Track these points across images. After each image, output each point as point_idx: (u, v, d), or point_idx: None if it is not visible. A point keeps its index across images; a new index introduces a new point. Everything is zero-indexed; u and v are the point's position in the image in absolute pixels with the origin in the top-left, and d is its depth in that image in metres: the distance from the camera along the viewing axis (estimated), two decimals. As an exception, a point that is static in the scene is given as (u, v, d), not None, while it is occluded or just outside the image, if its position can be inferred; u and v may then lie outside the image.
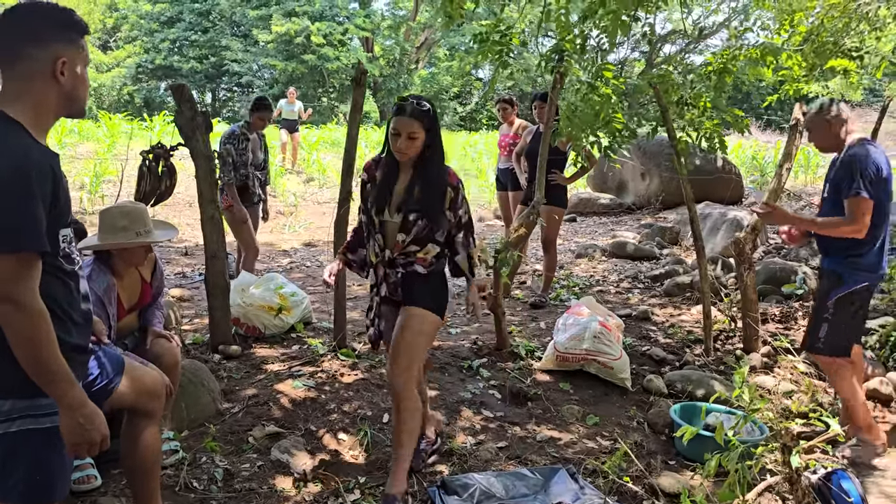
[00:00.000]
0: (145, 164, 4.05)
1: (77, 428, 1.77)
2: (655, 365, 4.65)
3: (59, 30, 1.76)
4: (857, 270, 3.60)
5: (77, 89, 1.80)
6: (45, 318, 1.69)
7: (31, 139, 1.71)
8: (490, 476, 3.11)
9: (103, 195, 9.67)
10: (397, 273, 2.95)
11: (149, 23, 29.62)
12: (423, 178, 2.88)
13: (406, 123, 2.79)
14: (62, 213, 1.76)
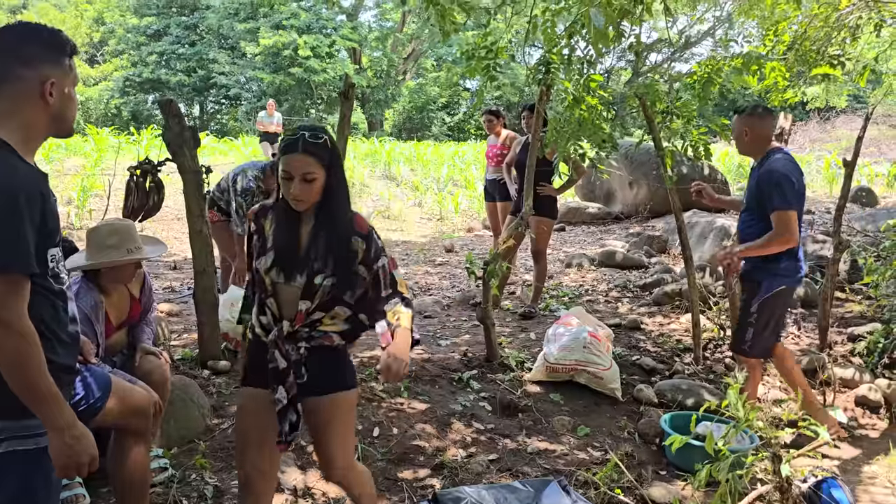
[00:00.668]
0: (133, 180, 4.04)
1: (66, 449, 1.76)
2: (645, 374, 4.66)
3: (47, 51, 1.77)
4: (775, 276, 3.78)
5: (65, 110, 1.81)
6: (34, 339, 1.68)
7: (18, 159, 1.71)
8: (481, 489, 3.11)
9: (91, 209, 9.62)
10: (300, 350, 2.29)
11: (136, 36, 29.60)
12: (326, 231, 2.29)
13: (299, 162, 2.17)
14: (51, 233, 1.75)
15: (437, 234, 11.16)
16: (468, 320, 5.63)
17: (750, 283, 3.89)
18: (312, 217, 2.30)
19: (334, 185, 2.26)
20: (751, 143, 3.88)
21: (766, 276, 3.81)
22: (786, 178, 3.67)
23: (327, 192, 2.25)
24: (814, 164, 14.70)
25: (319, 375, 2.33)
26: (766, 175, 3.72)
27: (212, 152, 14.00)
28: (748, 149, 3.92)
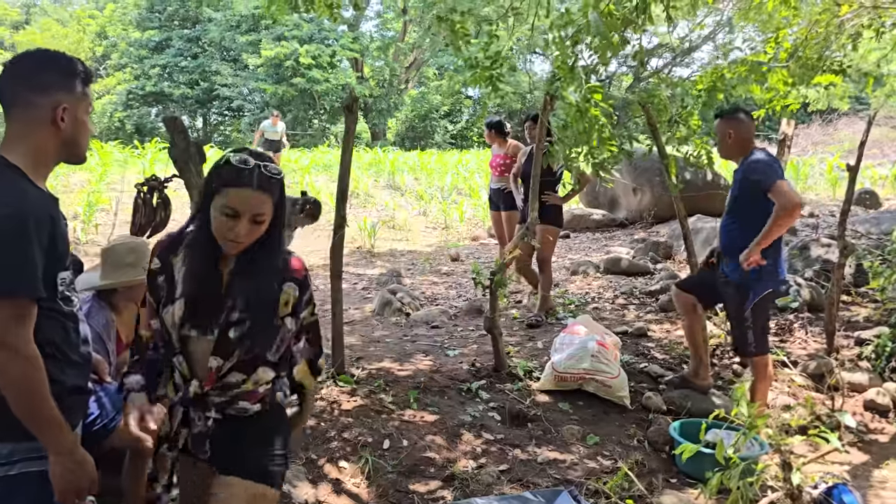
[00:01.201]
0: (140, 197, 4.06)
1: (67, 474, 1.77)
2: (654, 382, 4.66)
3: (61, 77, 1.80)
4: (760, 280, 3.90)
5: (77, 136, 1.83)
6: (38, 364, 1.70)
7: (29, 184, 1.73)
8: (492, 500, 3.12)
9: (97, 224, 9.66)
10: (208, 418, 1.93)
11: (138, 49, 29.73)
12: (253, 275, 1.91)
13: (253, 200, 1.80)
14: (60, 257, 1.78)
15: (442, 243, 11.17)
16: (475, 330, 5.64)
17: (739, 289, 3.98)
18: (237, 258, 1.92)
19: (277, 224, 1.90)
20: (734, 144, 3.98)
21: (752, 282, 3.92)
22: (768, 164, 3.87)
23: (268, 231, 1.89)
24: (816, 167, 14.69)
25: (231, 453, 1.93)
26: (751, 165, 3.86)
27: (216, 165, 14.01)
28: (731, 150, 4.03)
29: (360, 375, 4.35)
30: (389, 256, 10.15)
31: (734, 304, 4.03)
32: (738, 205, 3.97)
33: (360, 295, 7.41)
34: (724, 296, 4.13)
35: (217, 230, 1.84)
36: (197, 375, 1.92)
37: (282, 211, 1.89)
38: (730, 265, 4.01)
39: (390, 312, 6.26)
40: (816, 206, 11.21)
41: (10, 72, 1.80)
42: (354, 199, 13.13)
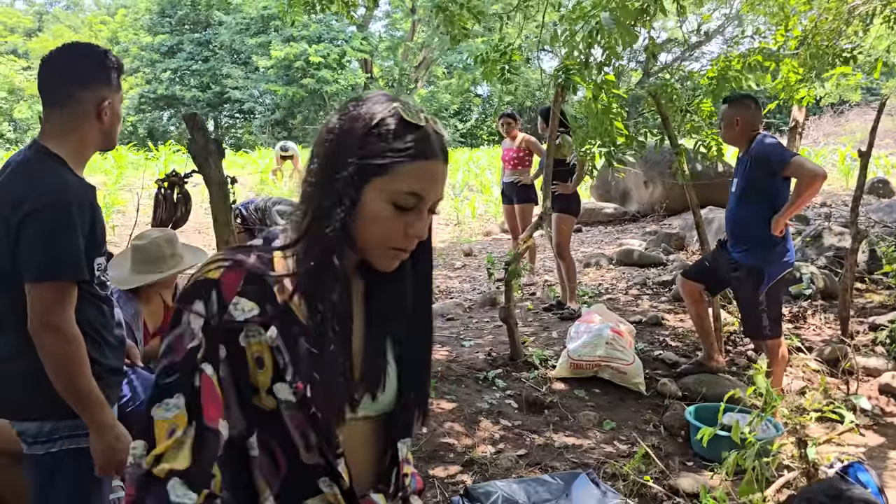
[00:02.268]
0: (161, 192, 4.14)
1: (107, 448, 1.84)
2: (668, 368, 4.70)
3: (103, 71, 1.88)
4: (772, 262, 3.96)
5: (114, 126, 1.92)
6: (80, 343, 1.77)
7: (70, 172, 1.81)
8: (512, 483, 3.17)
9: (114, 225, 9.78)
10: None
11: (150, 54, 29.98)
12: (405, 294, 1.21)
13: (442, 177, 1.12)
14: (98, 243, 1.85)
15: (455, 238, 11.23)
16: (490, 321, 5.69)
17: (752, 272, 4.01)
18: (361, 280, 1.20)
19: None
20: (741, 131, 4.02)
21: (766, 265, 3.97)
22: (779, 144, 4.00)
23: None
24: (828, 158, 14.64)
25: None
26: (764, 148, 3.91)
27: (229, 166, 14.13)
28: (737, 137, 4.06)
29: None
30: (403, 253, 10.20)
31: (748, 288, 4.06)
32: (747, 191, 4.00)
33: (375, 290, 7.47)
34: (735, 281, 4.16)
35: (381, 233, 1.09)
36: (363, 485, 1.17)
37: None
38: (742, 251, 4.04)
39: (406, 306, 6.31)
40: (829, 196, 11.19)
41: (50, 68, 1.87)
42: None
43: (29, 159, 1.82)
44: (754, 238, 3.96)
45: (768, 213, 3.88)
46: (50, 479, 1.89)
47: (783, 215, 3.84)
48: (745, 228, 4.03)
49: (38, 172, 1.78)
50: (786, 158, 3.79)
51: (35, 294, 1.72)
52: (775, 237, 3.89)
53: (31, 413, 1.84)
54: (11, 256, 1.74)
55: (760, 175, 3.89)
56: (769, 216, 3.88)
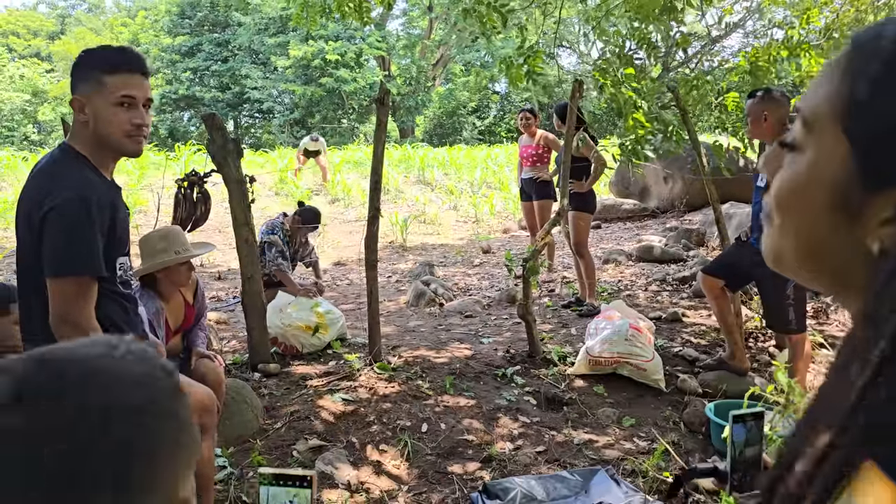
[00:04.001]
0: (181, 192, 4.18)
1: None
2: (688, 365, 4.67)
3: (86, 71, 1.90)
4: None
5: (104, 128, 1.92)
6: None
7: (94, 172, 1.84)
8: (530, 479, 3.17)
9: (137, 225, 9.89)
10: None
11: (170, 55, 30.29)
12: None
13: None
14: (120, 243, 1.88)
15: (473, 236, 11.23)
16: (509, 318, 5.69)
17: None
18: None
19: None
20: (770, 126, 3.94)
21: None
22: None
23: None
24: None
25: None
26: None
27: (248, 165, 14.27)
28: (766, 132, 3.98)
29: (397, 363, 4.43)
30: (421, 250, 10.24)
31: (777, 281, 4.00)
32: None
33: (394, 287, 7.50)
34: (761, 274, 4.11)
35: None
36: None
37: None
38: None
39: (424, 303, 6.33)
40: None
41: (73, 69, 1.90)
42: (385, 195, 13.24)
43: (55, 159, 1.85)
44: None
45: None
46: None
47: None
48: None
49: (61, 171, 1.81)
50: None
51: (54, 288, 1.75)
52: None
53: None
54: (35, 252, 1.77)
55: None
56: None
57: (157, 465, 0.61)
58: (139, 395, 0.63)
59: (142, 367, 0.65)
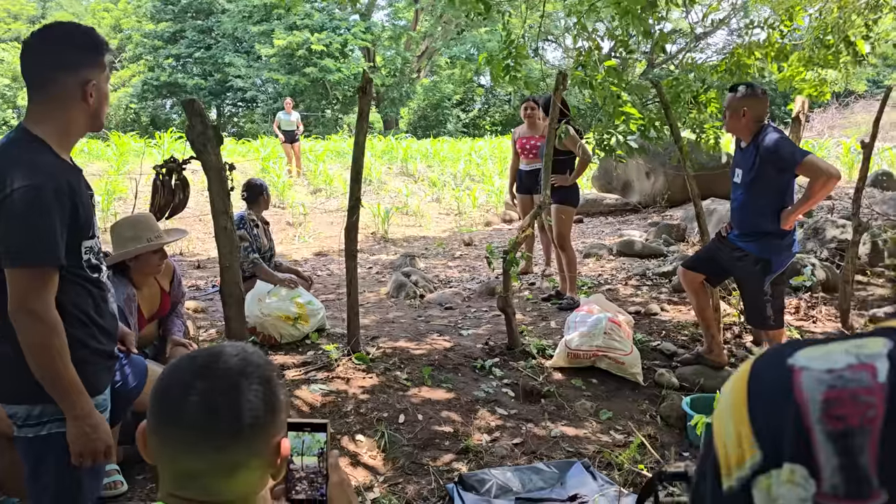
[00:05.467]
0: (159, 178, 4.12)
1: (83, 436, 1.83)
2: (666, 359, 4.69)
3: (86, 53, 1.84)
4: (781, 252, 3.97)
5: (101, 107, 1.89)
6: (59, 329, 1.75)
7: (52, 156, 1.79)
8: (506, 471, 3.17)
9: (115, 213, 9.77)
10: None
11: (152, 41, 29.94)
12: None
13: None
14: (85, 226, 1.83)
15: (455, 228, 11.22)
16: (489, 310, 5.68)
17: (759, 262, 3.99)
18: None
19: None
20: (747, 122, 3.94)
21: (774, 255, 3.96)
22: (790, 141, 3.95)
23: None
24: (833, 150, 14.58)
25: None
26: (774, 147, 3.82)
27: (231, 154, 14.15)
28: (743, 127, 3.98)
29: (376, 354, 4.41)
30: (403, 242, 10.22)
31: (755, 277, 4.03)
32: (756, 183, 3.94)
33: (374, 279, 7.47)
34: (740, 271, 4.13)
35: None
36: None
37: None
38: (749, 240, 4.00)
39: (405, 294, 6.31)
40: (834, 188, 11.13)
41: (32, 51, 1.83)
42: (367, 186, 13.18)
43: (11, 143, 1.80)
44: (763, 229, 3.93)
45: (777, 206, 3.87)
46: (41, 461, 1.88)
47: (794, 212, 3.83)
48: (754, 220, 3.98)
49: (17, 156, 1.75)
50: (798, 159, 3.73)
51: (12, 279, 1.71)
52: (784, 229, 3.88)
53: (20, 396, 1.83)
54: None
55: (770, 170, 3.83)
56: (779, 209, 3.86)
57: (284, 398, 1.14)
58: (272, 368, 1.15)
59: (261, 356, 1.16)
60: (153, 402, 1.09)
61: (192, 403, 1.05)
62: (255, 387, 1.09)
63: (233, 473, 1.07)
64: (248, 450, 1.07)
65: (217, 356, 1.11)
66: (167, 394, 1.09)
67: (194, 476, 1.06)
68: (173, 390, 1.08)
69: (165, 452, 1.07)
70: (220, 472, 1.06)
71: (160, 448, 1.08)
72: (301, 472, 1.24)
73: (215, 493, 1.06)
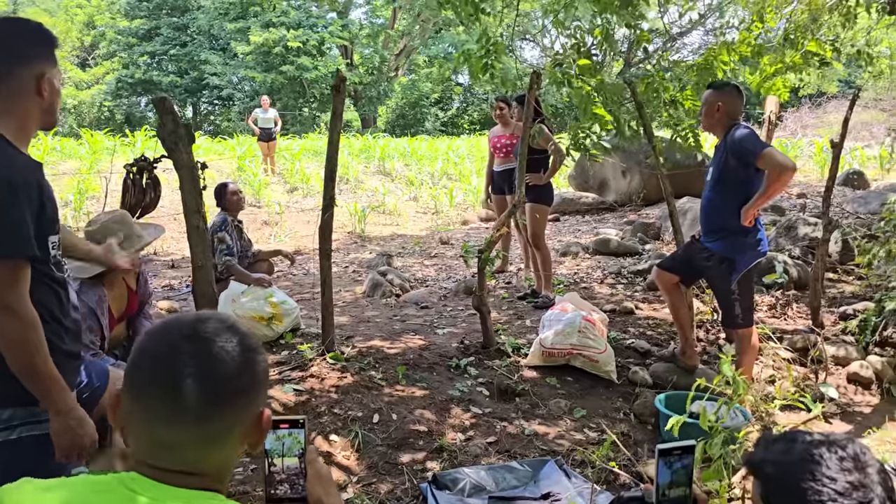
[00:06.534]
0: (129, 177, 4.08)
1: (68, 432, 1.81)
2: (640, 357, 4.72)
3: (39, 46, 1.82)
4: (745, 251, 3.98)
5: (54, 102, 1.87)
6: (37, 324, 1.73)
7: (14, 150, 1.76)
8: (480, 470, 3.17)
9: (88, 212, 9.66)
10: None
11: (127, 37, 29.57)
12: None
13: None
14: (50, 221, 1.81)
15: (433, 227, 11.21)
16: (464, 309, 5.68)
17: (724, 261, 4.02)
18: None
19: None
20: (721, 118, 3.99)
21: (739, 254, 3.98)
22: (755, 135, 3.95)
23: None
24: (806, 149, 14.77)
25: None
26: (738, 139, 3.88)
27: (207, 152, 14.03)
28: (716, 123, 4.03)
29: (351, 353, 4.39)
30: (380, 241, 10.19)
31: (720, 277, 4.07)
32: (721, 179, 4.00)
33: (350, 278, 7.45)
34: (708, 271, 4.17)
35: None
36: None
37: None
38: (714, 239, 4.05)
39: (381, 294, 6.30)
40: (806, 187, 11.29)
41: None
42: (345, 185, 13.14)
43: None
44: (726, 227, 3.98)
45: (741, 202, 3.89)
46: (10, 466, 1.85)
47: (752, 206, 3.86)
48: (717, 217, 4.04)
49: None
50: (758, 149, 3.79)
51: None
52: (747, 227, 3.91)
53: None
54: None
55: (734, 164, 3.89)
56: (741, 205, 3.89)
57: (267, 370, 1.13)
58: (257, 340, 1.13)
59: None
60: (134, 364, 1.05)
61: (177, 367, 1.02)
62: (242, 354, 1.07)
63: (212, 444, 1.04)
64: (230, 420, 1.05)
65: (203, 322, 1.09)
66: (152, 354, 1.05)
67: (172, 446, 1.02)
68: (160, 349, 1.05)
69: (143, 419, 1.03)
70: (200, 443, 1.03)
71: (137, 414, 1.04)
72: (282, 473, 1.25)
73: (192, 464, 1.03)
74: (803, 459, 1.12)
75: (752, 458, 1.22)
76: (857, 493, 1.07)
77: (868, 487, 1.07)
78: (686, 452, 1.45)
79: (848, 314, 5.38)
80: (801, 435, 1.21)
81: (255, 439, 1.12)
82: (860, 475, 1.09)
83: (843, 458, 1.11)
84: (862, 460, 1.11)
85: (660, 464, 1.43)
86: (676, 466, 1.44)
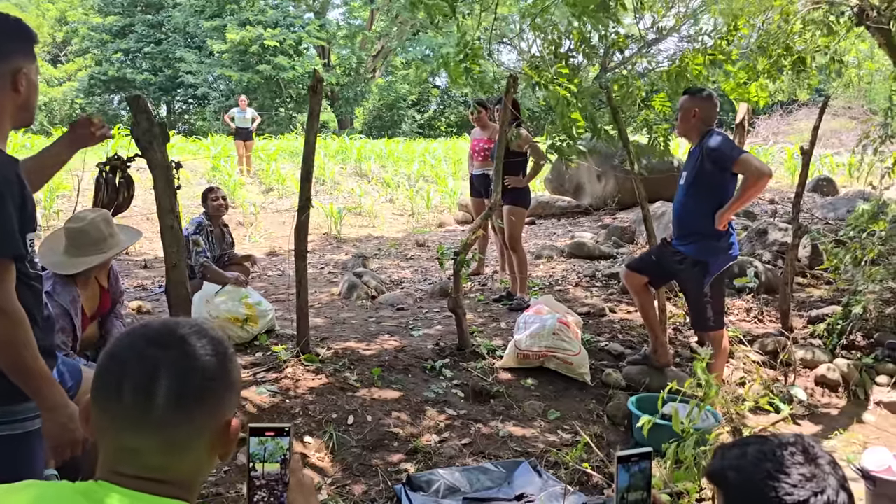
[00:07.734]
0: (102, 176, 4.02)
1: (61, 428, 1.79)
2: (614, 359, 4.77)
3: (17, 42, 1.80)
4: (718, 254, 4.05)
5: (31, 98, 1.84)
6: (25, 321, 1.71)
7: None
8: (454, 471, 3.18)
9: (58, 210, 9.53)
10: None
11: (100, 34, 29.19)
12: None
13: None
14: (30, 218, 1.79)
15: (409, 229, 11.21)
16: (440, 311, 5.69)
17: (697, 265, 4.08)
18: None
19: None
20: (697, 123, 4.05)
21: (711, 257, 4.04)
22: (731, 141, 4.06)
23: None
24: (777, 156, 14.99)
25: None
26: (715, 145, 3.94)
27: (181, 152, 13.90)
28: (691, 129, 4.09)
29: (326, 355, 4.38)
30: (356, 242, 10.17)
31: (693, 280, 4.13)
32: (696, 184, 4.06)
33: (326, 279, 7.42)
34: (680, 273, 4.22)
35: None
36: None
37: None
38: (687, 243, 4.10)
39: (356, 295, 6.29)
40: (776, 192, 11.46)
41: None
42: (321, 186, 13.08)
43: None
44: (700, 231, 4.04)
45: (715, 206, 3.96)
46: None
47: (727, 210, 3.92)
48: (691, 221, 4.10)
49: None
50: (735, 155, 3.86)
51: None
52: (720, 230, 3.97)
53: None
54: None
55: (710, 169, 3.95)
56: (715, 210, 3.95)
57: (238, 377, 1.14)
58: (228, 344, 1.13)
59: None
60: (101, 369, 1.05)
61: (142, 372, 1.02)
62: (211, 359, 1.06)
63: (176, 451, 1.04)
64: (196, 426, 1.05)
65: (172, 327, 1.08)
66: (119, 360, 1.05)
67: (137, 452, 1.02)
68: (126, 354, 1.05)
69: (110, 425, 1.03)
70: (165, 449, 1.03)
71: (104, 420, 1.04)
72: (262, 479, 1.23)
73: (159, 470, 1.03)
74: (758, 460, 1.21)
75: (712, 469, 1.30)
76: (811, 483, 1.15)
77: (820, 477, 1.16)
78: (643, 458, 1.53)
79: (816, 318, 5.48)
80: (753, 439, 1.31)
81: (225, 449, 1.11)
82: (812, 467, 1.17)
83: (794, 452, 1.20)
84: (812, 453, 1.20)
85: (619, 469, 1.50)
86: (634, 470, 1.51)
